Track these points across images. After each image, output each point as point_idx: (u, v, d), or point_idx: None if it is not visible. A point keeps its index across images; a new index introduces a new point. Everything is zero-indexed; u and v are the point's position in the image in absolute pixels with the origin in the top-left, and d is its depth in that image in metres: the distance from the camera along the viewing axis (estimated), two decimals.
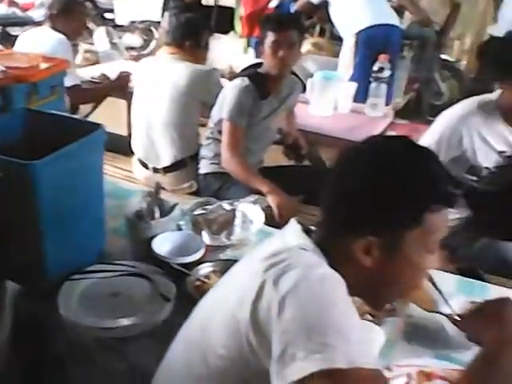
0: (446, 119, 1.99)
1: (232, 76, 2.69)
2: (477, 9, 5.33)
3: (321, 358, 0.78)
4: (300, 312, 0.83)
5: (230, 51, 4.24)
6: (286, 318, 0.83)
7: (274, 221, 2.09)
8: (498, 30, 4.09)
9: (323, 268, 0.89)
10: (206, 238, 1.60)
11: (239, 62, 3.88)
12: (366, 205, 0.91)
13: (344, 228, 0.95)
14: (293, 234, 1.00)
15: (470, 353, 1.31)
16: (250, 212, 1.70)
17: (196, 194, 2.65)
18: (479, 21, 5.32)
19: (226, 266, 1.36)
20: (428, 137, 2.00)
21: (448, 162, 2.00)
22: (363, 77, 3.30)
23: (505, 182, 2.02)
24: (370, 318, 1.36)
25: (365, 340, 0.85)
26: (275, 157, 2.82)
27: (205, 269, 1.46)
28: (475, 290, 1.56)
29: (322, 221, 1.01)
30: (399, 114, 4.23)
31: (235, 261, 1.12)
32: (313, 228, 1.06)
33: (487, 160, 1.99)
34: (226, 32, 4.43)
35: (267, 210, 2.17)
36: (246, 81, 2.35)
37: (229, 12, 4.37)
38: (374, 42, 3.45)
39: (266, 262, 0.91)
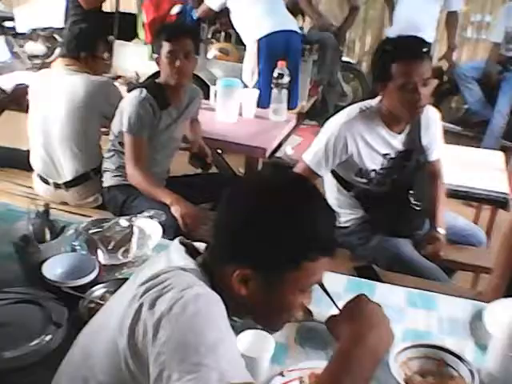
0: (330, 127, 2.08)
1: (130, 87, 2.65)
2: (375, 11, 5.58)
3: (194, 378, 0.80)
4: (173, 333, 0.84)
5: (135, 58, 4.20)
6: (161, 341, 0.84)
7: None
8: (392, 33, 4.32)
9: (199, 287, 0.91)
10: (101, 257, 1.58)
11: (145, 68, 3.85)
12: (248, 241, 0.95)
13: (227, 255, 0.98)
14: (176, 254, 1.02)
15: None
16: (147, 227, 1.69)
17: (102, 207, 2.61)
18: (377, 23, 5.57)
19: (121, 284, 1.34)
20: (316, 144, 2.08)
21: (337, 166, 2.10)
22: (267, 83, 3.37)
23: (391, 182, 2.13)
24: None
25: (237, 356, 0.87)
26: (183, 166, 2.82)
27: (99, 290, 1.44)
28: (363, 290, 1.62)
29: (211, 244, 1.04)
30: (306, 116, 4.38)
31: None
32: (199, 246, 1.08)
33: (373, 163, 2.09)
34: (129, 39, 4.37)
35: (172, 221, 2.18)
36: (143, 92, 2.34)
37: (131, 18, 4.31)
38: (275, 48, 3.54)
39: (144, 286, 0.92)
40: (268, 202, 0.95)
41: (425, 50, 1.96)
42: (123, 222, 1.70)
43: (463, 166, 2.77)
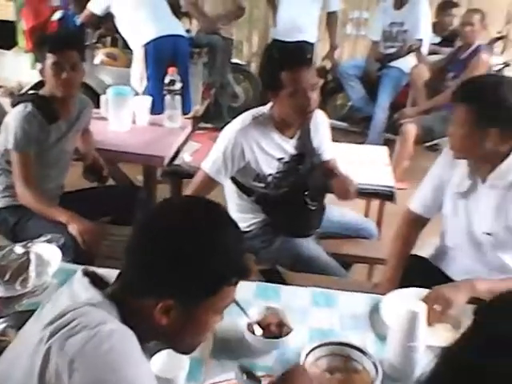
0: (226, 134, 2.11)
1: (15, 99, 2.51)
2: (259, 11, 5.69)
3: None
4: (89, 372, 0.83)
5: (16, 67, 3.98)
6: (77, 382, 0.83)
7: None
8: (276, 34, 4.45)
9: (111, 323, 0.90)
10: None
11: (28, 77, 3.66)
12: (169, 273, 0.95)
13: (145, 288, 0.97)
14: (80, 286, 1.00)
15: (271, 357, 1.45)
16: (45, 252, 1.63)
17: None
18: (263, 23, 5.69)
19: (22, 318, 1.28)
20: (214, 152, 2.11)
21: (236, 173, 2.14)
22: (158, 88, 3.34)
23: (288, 185, 2.21)
24: None
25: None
26: (78, 179, 2.72)
27: None
28: (270, 294, 1.70)
29: (122, 273, 1.02)
30: (201, 119, 4.39)
31: (33, 311, 1.07)
32: (103, 274, 1.06)
33: (269, 167, 2.16)
34: (9, 47, 4.12)
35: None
36: (29, 106, 2.23)
37: (9, 26, 4.06)
38: (162, 53, 3.51)
39: (51, 327, 0.89)
40: (181, 234, 0.96)
41: (309, 56, 2.05)
42: (18, 249, 1.62)
43: (351, 163, 2.90)
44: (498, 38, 4.73)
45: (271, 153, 2.14)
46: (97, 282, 1.02)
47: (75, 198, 2.51)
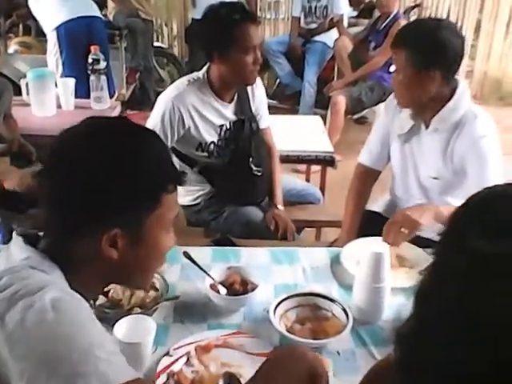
0: (162, 102, 2.03)
1: None
2: None
3: (95, 381, 0.72)
4: (35, 345, 0.75)
5: None
6: (21, 356, 0.75)
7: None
8: (197, 14, 4.37)
9: (52, 290, 0.81)
10: None
11: None
12: (101, 198, 0.85)
13: (79, 227, 0.87)
14: (16, 248, 0.90)
15: (238, 315, 1.40)
16: None
17: None
18: (180, 7, 5.60)
19: None
20: (151, 122, 2.02)
21: (177, 143, 2.06)
22: (75, 71, 3.19)
23: (230, 152, 2.16)
24: (138, 310, 1.34)
25: (116, 354, 0.80)
26: (5, 169, 2.54)
27: None
28: (229, 256, 1.65)
29: (48, 225, 0.91)
30: (127, 104, 4.25)
31: None
32: (40, 235, 0.96)
33: (210, 135, 2.10)
34: None
35: None
36: None
37: None
38: (75, 35, 3.36)
39: None
40: (102, 151, 0.86)
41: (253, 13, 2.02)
42: None
43: (288, 132, 2.92)
44: (414, 7, 4.90)
45: (211, 119, 2.08)
46: (33, 240, 0.92)
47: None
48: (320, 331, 1.34)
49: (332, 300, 1.41)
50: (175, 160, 2.16)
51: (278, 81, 5.04)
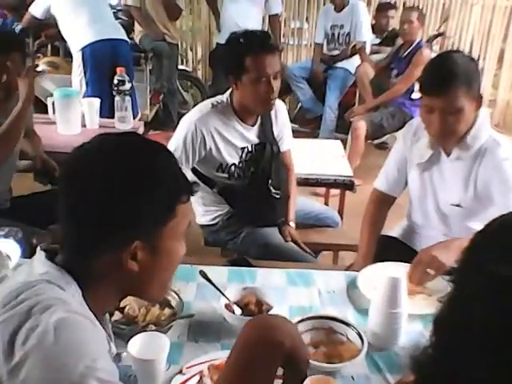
0: (185, 123, 2.06)
1: None
2: (200, 21, 5.71)
3: None
4: (32, 369, 0.76)
5: None
6: (19, 379, 0.76)
7: None
8: (221, 38, 4.46)
9: (60, 310, 0.82)
10: None
11: None
12: (120, 212, 0.87)
13: (99, 242, 0.88)
14: (38, 262, 0.91)
15: None
16: (4, 247, 1.52)
17: None
18: (205, 31, 5.71)
19: None
20: (173, 142, 2.05)
21: (197, 163, 2.09)
22: (98, 91, 3.27)
23: (251, 174, 2.18)
24: (153, 327, 1.35)
25: (111, 375, 0.80)
26: (29, 185, 2.59)
27: None
28: (245, 277, 1.65)
29: (66, 241, 0.92)
30: (150, 125, 4.31)
31: None
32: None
33: (232, 157, 2.12)
34: None
35: None
36: None
37: None
38: (100, 56, 3.44)
39: (4, 312, 0.82)
40: (119, 165, 0.88)
41: (273, 43, 2.04)
42: None
43: (308, 156, 2.94)
44: (437, 36, 4.91)
45: (233, 142, 2.11)
46: (54, 256, 0.93)
47: (28, 201, 2.38)
48: (334, 355, 1.33)
49: (347, 324, 1.40)
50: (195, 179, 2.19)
51: (299, 105, 5.08)
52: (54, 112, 2.89)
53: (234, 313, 1.41)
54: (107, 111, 3.10)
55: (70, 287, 0.88)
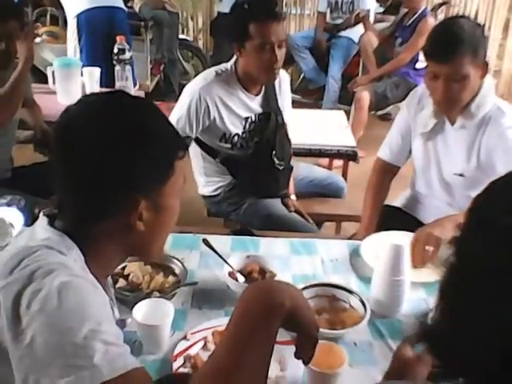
0: (189, 92, 2.04)
1: None
2: None
3: (66, 382, 0.72)
4: (36, 332, 0.75)
5: None
6: (23, 342, 0.76)
7: None
8: (223, 7, 4.39)
9: (62, 274, 0.81)
10: None
11: None
12: (123, 171, 0.86)
13: (104, 205, 0.88)
14: (40, 228, 0.91)
15: None
16: (7, 215, 1.52)
17: None
18: (206, 0, 5.61)
19: None
20: (177, 111, 2.03)
21: (201, 133, 2.07)
22: (93, 59, 3.21)
23: (254, 144, 2.16)
24: (157, 294, 1.35)
25: (117, 343, 0.78)
26: (30, 155, 2.58)
27: None
28: (248, 246, 1.66)
29: (67, 207, 0.91)
30: (151, 96, 4.27)
31: None
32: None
33: (235, 127, 2.10)
34: None
35: None
36: None
37: None
38: (95, 23, 3.37)
39: (3, 277, 0.81)
40: (116, 124, 0.87)
41: (278, 10, 2.00)
42: None
43: (311, 126, 2.91)
44: (441, 4, 4.83)
45: (237, 111, 2.08)
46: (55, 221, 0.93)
47: (29, 171, 2.37)
48: (337, 322, 1.34)
49: (350, 291, 1.40)
50: (197, 151, 2.18)
51: (302, 75, 5.02)
52: (53, 82, 2.87)
53: (237, 280, 1.41)
54: (102, 80, 3.04)
55: (71, 252, 0.87)
